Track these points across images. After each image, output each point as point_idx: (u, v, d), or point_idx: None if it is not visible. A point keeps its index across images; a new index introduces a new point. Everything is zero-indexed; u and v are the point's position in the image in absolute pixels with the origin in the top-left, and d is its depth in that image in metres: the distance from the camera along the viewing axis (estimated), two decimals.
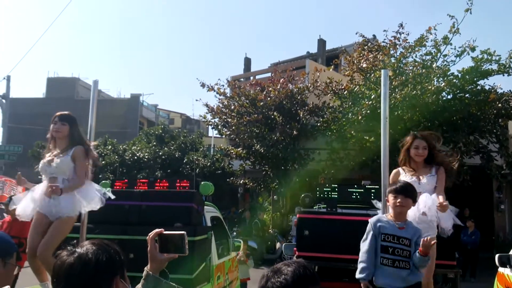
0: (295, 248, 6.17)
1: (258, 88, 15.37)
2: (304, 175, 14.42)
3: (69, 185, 4.14)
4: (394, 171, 4.32)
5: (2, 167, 21.88)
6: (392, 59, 12.37)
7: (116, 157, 19.43)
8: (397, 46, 12.52)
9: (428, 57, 12.06)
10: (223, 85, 15.86)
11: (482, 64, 11.29)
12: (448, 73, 11.55)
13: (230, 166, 18.76)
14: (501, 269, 6.05)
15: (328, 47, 29.90)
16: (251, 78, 21.71)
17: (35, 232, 4.14)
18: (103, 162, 18.59)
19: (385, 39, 12.82)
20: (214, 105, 15.71)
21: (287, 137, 14.03)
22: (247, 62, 32.38)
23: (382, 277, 3.58)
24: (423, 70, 11.62)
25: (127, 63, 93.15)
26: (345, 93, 13.36)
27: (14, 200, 4.47)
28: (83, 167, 4.23)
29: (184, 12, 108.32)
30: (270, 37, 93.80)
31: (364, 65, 12.61)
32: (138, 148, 20.36)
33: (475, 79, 11.59)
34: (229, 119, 15.24)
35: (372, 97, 11.72)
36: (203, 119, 16.82)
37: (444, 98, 11.88)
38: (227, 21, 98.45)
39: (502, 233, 15.73)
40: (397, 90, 11.38)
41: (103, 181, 5.80)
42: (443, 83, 11.39)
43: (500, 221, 15.89)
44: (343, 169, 12.93)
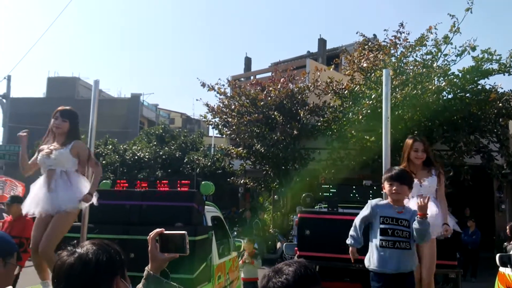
0: (296, 247, 6.17)
1: (258, 87, 15.34)
2: (304, 175, 14.41)
3: (92, 182, 4.24)
4: None
5: (2, 167, 21.89)
6: (392, 59, 12.35)
7: (116, 157, 19.43)
8: (398, 45, 12.51)
9: (428, 57, 12.05)
10: (223, 85, 15.85)
11: (482, 63, 11.27)
12: (448, 73, 11.54)
13: (230, 165, 18.75)
14: (502, 269, 6.05)
15: (328, 46, 29.93)
16: (252, 77, 21.72)
17: (38, 228, 4.16)
18: (104, 162, 18.59)
19: (385, 39, 12.83)
20: (214, 105, 15.71)
21: (287, 136, 14.01)
22: (248, 61, 32.40)
23: (382, 263, 3.62)
24: (424, 69, 11.60)
25: (128, 63, 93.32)
26: (345, 92, 13.36)
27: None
28: (91, 156, 4.30)
29: (184, 11, 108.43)
30: (270, 36, 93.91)
31: (364, 65, 12.59)
32: (138, 148, 20.36)
33: (475, 79, 11.58)
34: (230, 119, 15.22)
35: (372, 96, 11.71)
36: (203, 119, 16.81)
37: (444, 97, 11.86)
38: (228, 21, 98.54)
39: (503, 233, 15.69)
40: (397, 89, 11.37)
41: (104, 181, 5.81)
42: (443, 83, 11.38)
43: (500, 221, 15.86)
44: (343, 169, 12.91)
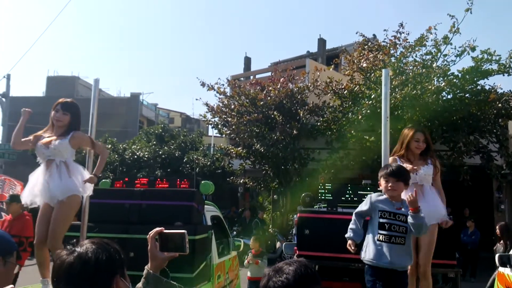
0: (295, 247, 6.17)
1: (258, 87, 15.34)
2: (304, 174, 14.42)
3: (98, 164, 4.28)
4: (390, 159, 4.39)
5: (2, 166, 21.88)
6: (392, 59, 12.36)
7: (116, 156, 19.41)
8: (397, 45, 12.51)
9: (428, 57, 12.05)
10: (223, 84, 15.84)
11: (482, 64, 11.27)
12: (448, 73, 11.54)
13: (230, 165, 18.75)
14: (501, 269, 6.05)
15: (328, 46, 29.96)
16: (251, 77, 21.74)
17: (41, 223, 4.16)
18: None
19: (385, 39, 12.83)
20: (214, 104, 15.70)
21: (287, 136, 14.01)
22: (247, 61, 32.43)
23: (378, 258, 3.66)
24: (423, 69, 11.61)
25: (127, 62, 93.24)
26: (345, 92, 13.36)
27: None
28: (93, 142, 4.35)
29: (184, 11, 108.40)
30: (270, 36, 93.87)
31: (364, 65, 12.59)
32: (138, 147, 20.34)
33: (475, 79, 11.58)
34: (229, 119, 15.22)
35: (372, 96, 11.72)
36: (203, 118, 16.79)
37: (444, 98, 11.86)
38: (227, 20, 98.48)
39: None
40: (397, 89, 11.37)
41: (103, 180, 5.80)
42: (443, 83, 11.38)
43: (500, 221, 15.67)
44: (343, 168, 12.92)
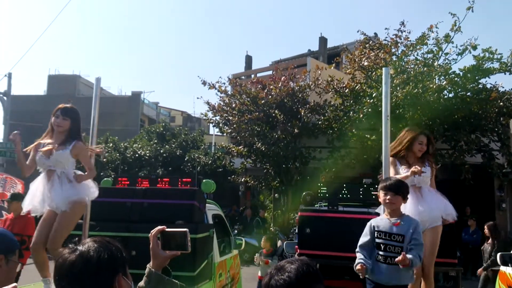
0: (296, 246, 6.18)
1: (259, 86, 15.32)
2: (305, 173, 14.41)
3: (85, 175, 4.24)
4: (390, 159, 4.39)
5: (3, 164, 21.89)
6: (393, 57, 12.32)
7: (117, 154, 19.42)
8: (399, 44, 12.47)
9: (429, 56, 12.01)
10: (224, 83, 15.81)
11: (483, 62, 11.24)
12: (449, 72, 11.51)
13: (231, 164, 18.74)
14: (502, 268, 6.06)
15: (329, 45, 29.85)
16: (252, 76, 21.71)
17: (42, 226, 4.16)
18: (104, 159, 18.60)
19: (386, 37, 12.77)
20: (215, 103, 15.67)
21: (288, 135, 14.00)
22: (248, 60, 32.38)
23: (376, 273, 3.69)
24: (425, 68, 11.58)
25: (128, 61, 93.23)
26: (346, 91, 13.34)
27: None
28: (88, 158, 4.30)
29: (185, 10, 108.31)
30: (271, 35, 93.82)
31: (365, 63, 12.56)
32: (139, 145, 20.34)
33: (476, 78, 11.55)
34: (230, 117, 15.21)
35: (373, 95, 11.70)
36: (204, 117, 16.79)
37: (445, 96, 11.84)
38: (229, 19, 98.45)
39: (503, 232, 15.71)
40: (398, 88, 11.35)
41: (105, 179, 5.82)
42: (444, 82, 11.36)
43: (501, 220, 15.85)
44: (344, 167, 12.90)
